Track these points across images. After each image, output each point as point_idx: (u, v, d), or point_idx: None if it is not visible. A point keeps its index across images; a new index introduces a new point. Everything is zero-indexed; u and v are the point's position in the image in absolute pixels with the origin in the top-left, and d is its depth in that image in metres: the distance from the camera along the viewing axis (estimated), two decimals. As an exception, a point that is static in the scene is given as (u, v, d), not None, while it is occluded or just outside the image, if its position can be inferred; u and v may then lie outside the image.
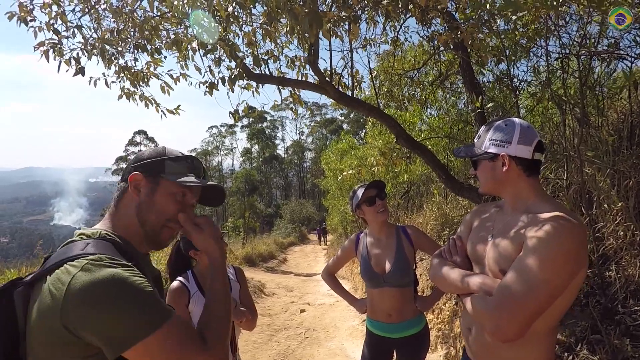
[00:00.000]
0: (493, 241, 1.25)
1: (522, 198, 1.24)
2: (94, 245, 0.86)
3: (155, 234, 0.97)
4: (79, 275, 0.76)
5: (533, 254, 1.05)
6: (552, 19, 3.11)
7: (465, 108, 6.01)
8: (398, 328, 2.08)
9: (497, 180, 1.26)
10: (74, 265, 0.79)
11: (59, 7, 3.07)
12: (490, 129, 1.28)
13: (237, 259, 11.52)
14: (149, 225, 0.95)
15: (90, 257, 0.80)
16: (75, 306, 0.74)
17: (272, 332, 5.80)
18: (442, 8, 3.08)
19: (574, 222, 1.09)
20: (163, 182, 0.96)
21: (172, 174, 0.97)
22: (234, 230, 19.08)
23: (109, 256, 0.83)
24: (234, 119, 3.64)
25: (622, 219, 2.28)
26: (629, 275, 2.12)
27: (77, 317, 0.74)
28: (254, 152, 57.02)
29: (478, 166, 1.32)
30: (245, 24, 3.15)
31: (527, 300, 1.02)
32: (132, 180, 0.95)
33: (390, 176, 6.58)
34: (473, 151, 1.32)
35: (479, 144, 1.30)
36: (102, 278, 0.76)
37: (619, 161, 2.41)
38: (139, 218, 0.95)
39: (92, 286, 0.75)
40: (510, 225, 1.21)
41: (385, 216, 2.11)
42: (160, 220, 0.96)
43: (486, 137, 1.27)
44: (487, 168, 1.28)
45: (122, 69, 3.32)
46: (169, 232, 0.98)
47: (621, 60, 3.30)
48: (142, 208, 0.95)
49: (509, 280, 1.07)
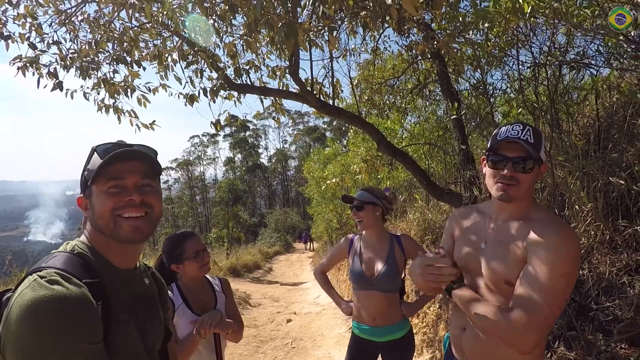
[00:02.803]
0: (488, 249, 1.24)
1: (526, 206, 1.23)
2: (58, 259, 0.86)
3: (112, 232, 0.92)
4: (24, 292, 0.76)
5: (546, 266, 1.07)
6: (522, 30, 3.25)
7: (444, 115, 6.17)
8: (382, 332, 2.11)
9: (532, 188, 1.23)
10: (29, 279, 0.79)
11: (34, 19, 3.03)
12: (541, 135, 1.20)
13: (221, 270, 11.34)
14: (104, 229, 0.92)
15: (42, 273, 0.80)
16: (12, 324, 0.73)
17: (258, 344, 5.72)
18: (417, 19, 3.19)
19: (571, 228, 1.16)
20: (92, 190, 0.93)
21: (90, 175, 0.93)
22: (218, 241, 18.77)
23: (60, 272, 0.81)
24: (215, 129, 3.63)
25: (592, 219, 2.38)
26: (601, 273, 2.22)
27: (7, 335, 0.73)
28: (237, 161, 56.61)
29: (532, 169, 1.18)
30: (226, 35, 3.18)
31: (547, 313, 1.06)
32: (79, 205, 0.97)
33: (374, 183, 6.66)
34: (534, 152, 1.16)
35: (536, 146, 1.16)
36: (36, 299, 0.74)
37: (587, 164, 2.52)
38: (97, 230, 0.94)
39: (25, 306, 0.74)
40: (508, 232, 1.21)
41: (361, 226, 2.16)
42: (105, 219, 0.91)
43: (542, 142, 1.18)
44: (537, 174, 1.20)
45: (102, 81, 3.29)
46: (125, 224, 0.91)
47: (588, 69, 3.48)
48: (92, 220, 0.94)
49: (526, 293, 1.08)
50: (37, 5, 3.06)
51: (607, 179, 2.35)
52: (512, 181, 1.17)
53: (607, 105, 3.15)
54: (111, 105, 3.53)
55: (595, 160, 2.54)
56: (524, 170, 1.17)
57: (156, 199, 0.97)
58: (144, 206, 0.93)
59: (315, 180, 10.74)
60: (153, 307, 1.05)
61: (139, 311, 0.97)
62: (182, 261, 1.73)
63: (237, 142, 54.95)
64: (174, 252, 1.75)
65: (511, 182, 1.18)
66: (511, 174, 1.17)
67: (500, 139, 1.19)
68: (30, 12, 3.00)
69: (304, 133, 55.09)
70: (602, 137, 2.74)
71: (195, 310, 1.74)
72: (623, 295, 2.06)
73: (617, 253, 2.24)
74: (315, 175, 10.72)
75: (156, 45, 3.39)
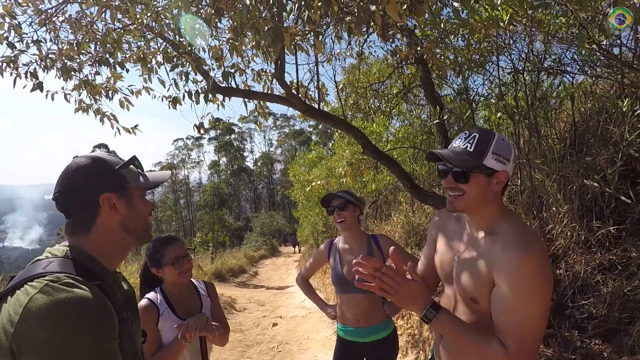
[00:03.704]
0: (459, 264, 1.23)
1: (491, 217, 1.17)
2: (58, 264, 0.84)
3: (145, 232, 1.04)
4: (37, 297, 0.75)
5: (513, 293, 1.04)
6: (502, 37, 3.35)
7: (428, 119, 6.28)
8: (367, 332, 2.14)
9: (485, 198, 1.14)
10: (33, 286, 0.77)
11: (12, 19, 2.96)
12: (492, 139, 1.11)
13: (206, 275, 11.19)
14: (140, 230, 1.02)
15: (49, 278, 0.79)
16: (30, 330, 0.72)
17: (244, 348, 5.68)
18: (401, 25, 3.25)
19: (537, 237, 1.12)
20: (133, 190, 1.00)
21: (133, 180, 1.01)
22: (203, 245, 18.53)
23: (70, 275, 0.81)
24: (198, 132, 3.62)
25: (568, 220, 2.47)
26: (576, 272, 2.30)
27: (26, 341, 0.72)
28: (222, 164, 56.13)
29: (469, 179, 1.12)
30: (211, 37, 3.17)
31: (537, 337, 1.06)
32: (106, 201, 0.94)
33: (359, 186, 6.71)
34: (469, 160, 1.11)
35: (476, 154, 1.11)
36: (58, 301, 0.75)
37: (564, 167, 2.62)
38: (126, 229, 0.98)
39: (47, 309, 0.74)
40: (476, 247, 1.18)
41: (342, 226, 2.18)
42: (146, 221, 1.04)
43: (488, 148, 1.10)
44: (482, 183, 1.12)
45: (83, 83, 3.23)
46: (150, 227, 1.06)
47: (564, 75, 3.61)
48: (128, 220, 0.99)
49: (506, 328, 1.05)
50: (16, 4, 2.99)
51: (583, 182, 2.44)
52: (456, 192, 1.16)
53: (582, 111, 3.28)
54: (91, 106, 3.47)
55: (572, 163, 2.63)
56: (458, 179, 1.13)
57: None
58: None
59: (300, 183, 10.74)
60: (134, 308, 1.07)
61: (128, 311, 0.99)
62: (162, 266, 1.72)
63: (222, 146, 54.52)
64: (154, 257, 1.73)
65: (456, 193, 1.16)
66: (451, 185, 1.16)
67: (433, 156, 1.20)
68: (9, 11, 2.93)
69: (289, 136, 55.08)
70: (578, 141, 2.84)
71: (180, 314, 1.73)
72: (597, 293, 2.14)
73: (592, 253, 2.33)
74: (300, 179, 10.73)
75: (140, 47, 3.36)
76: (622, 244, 2.24)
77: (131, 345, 0.93)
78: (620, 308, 1.98)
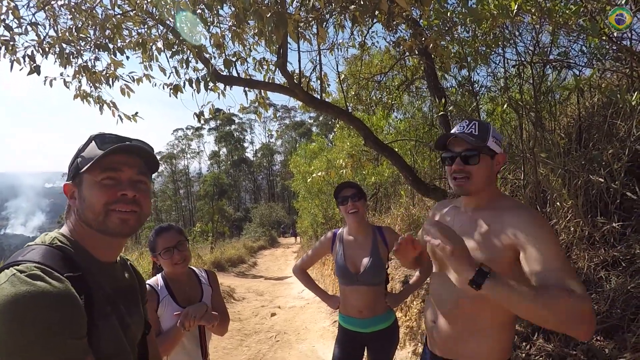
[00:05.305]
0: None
1: (491, 196, 1.27)
2: (37, 252, 0.82)
3: (101, 225, 0.90)
4: (3, 287, 0.73)
5: (543, 237, 1.07)
6: (509, 28, 3.29)
7: (430, 112, 6.22)
8: (369, 323, 2.14)
9: (489, 178, 1.25)
10: (6, 273, 0.76)
11: (10, 2, 2.90)
12: (489, 126, 1.25)
13: (205, 265, 11.24)
14: (92, 221, 0.90)
15: (21, 267, 0.76)
16: None
17: (242, 337, 5.71)
18: (406, 15, 3.19)
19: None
20: (83, 178, 0.91)
21: (84, 165, 0.91)
22: (202, 235, 18.57)
23: (41, 266, 0.78)
24: (198, 120, 3.58)
25: (572, 215, 2.44)
26: (579, 268, 2.28)
27: None
28: (222, 155, 55.99)
29: (479, 161, 1.22)
30: (212, 25, 3.11)
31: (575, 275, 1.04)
32: (65, 192, 0.94)
33: (359, 178, 6.69)
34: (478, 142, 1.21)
35: (481, 137, 1.22)
36: (17, 295, 0.71)
37: (569, 162, 2.59)
38: (83, 221, 0.92)
39: (6, 302, 0.70)
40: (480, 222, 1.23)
41: (355, 217, 2.15)
42: (95, 212, 0.89)
43: (488, 133, 1.23)
44: (487, 164, 1.24)
45: (82, 68, 3.17)
46: (115, 217, 0.90)
47: (571, 69, 3.56)
48: (80, 211, 0.92)
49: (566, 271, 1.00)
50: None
51: (588, 177, 2.41)
52: (463, 174, 1.24)
53: (588, 106, 3.23)
54: (91, 94, 3.42)
55: (577, 158, 2.60)
56: (469, 162, 1.22)
57: (146, 199, 0.96)
58: (134, 204, 0.92)
59: (301, 174, 10.71)
60: (134, 300, 1.04)
61: (120, 304, 0.95)
62: (156, 255, 1.74)
63: (222, 136, 54.33)
64: (150, 245, 1.76)
65: (463, 176, 1.24)
66: (460, 168, 1.24)
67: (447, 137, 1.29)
68: (6, -6, 2.86)
69: (290, 128, 54.89)
70: (583, 136, 2.81)
71: (180, 302, 1.72)
72: (600, 290, 2.13)
73: (595, 249, 2.31)
74: (301, 170, 10.69)
75: (140, 33, 3.30)
76: (626, 241, 2.22)
77: (113, 339, 0.88)
78: (623, 305, 1.97)
